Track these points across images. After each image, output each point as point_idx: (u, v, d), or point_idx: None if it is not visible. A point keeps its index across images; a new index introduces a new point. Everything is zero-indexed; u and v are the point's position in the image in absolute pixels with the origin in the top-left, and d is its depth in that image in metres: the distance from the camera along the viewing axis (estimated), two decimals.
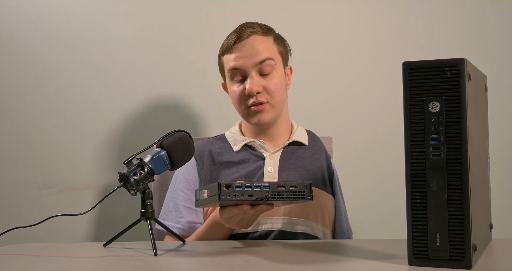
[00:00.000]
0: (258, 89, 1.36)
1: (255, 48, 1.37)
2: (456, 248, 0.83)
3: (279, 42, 1.43)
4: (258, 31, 1.39)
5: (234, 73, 1.39)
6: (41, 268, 0.94)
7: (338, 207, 1.43)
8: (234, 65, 1.38)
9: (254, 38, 1.38)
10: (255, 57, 1.36)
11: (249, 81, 1.36)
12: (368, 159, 1.88)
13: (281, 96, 1.40)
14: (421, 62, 0.85)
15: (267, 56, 1.37)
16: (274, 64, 1.39)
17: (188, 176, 1.41)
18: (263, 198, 1.02)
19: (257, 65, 1.37)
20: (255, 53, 1.37)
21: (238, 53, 1.37)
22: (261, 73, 1.38)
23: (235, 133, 1.48)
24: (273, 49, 1.40)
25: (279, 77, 1.40)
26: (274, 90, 1.38)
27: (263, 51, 1.37)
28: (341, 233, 1.42)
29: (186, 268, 0.93)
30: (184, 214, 1.37)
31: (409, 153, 0.86)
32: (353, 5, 1.89)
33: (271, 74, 1.38)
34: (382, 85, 1.88)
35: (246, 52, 1.37)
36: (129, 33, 1.88)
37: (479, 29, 1.88)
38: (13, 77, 1.87)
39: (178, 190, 1.41)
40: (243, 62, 1.37)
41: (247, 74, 1.37)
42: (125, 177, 1.05)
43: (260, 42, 1.38)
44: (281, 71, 1.42)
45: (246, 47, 1.37)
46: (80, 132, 1.86)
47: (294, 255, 1.00)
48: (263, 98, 1.37)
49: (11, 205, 1.85)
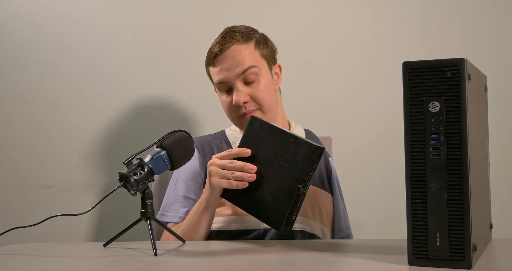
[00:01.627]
0: (245, 99, 1.36)
1: (236, 59, 1.36)
2: (456, 248, 0.83)
3: (261, 46, 1.42)
4: (238, 40, 1.38)
5: (220, 86, 1.40)
6: (41, 268, 0.94)
7: (337, 205, 1.43)
8: (219, 79, 1.38)
9: (234, 48, 1.37)
10: (237, 68, 1.36)
11: (235, 93, 1.37)
12: (368, 159, 1.88)
13: (270, 99, 1.39)
14: (421, 62, 0.85)
15: (249, 65, 1.36)
16: (258, 71, 1.38)
17: (190, 168, 1.42)
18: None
19: (240, 75, 1.36)
20: (236, 64, 1.36)
21: (221, 66, 1.38)
22: (246, 82, 1.38)
23: (235, 131, 1.49)
24: (254, 56, 1.39)
25: (265, 83, 1.39)
26: (262, 97, 1.37)
27: (244, 60, 1.36)
28: (340, 231, 1.42)
29: (186, 268, 0.93)
30: (184, 203, 1.38)
31: (409, 153, 0.86)
32: (353, 5, 1.89)
33: (256, 81, 1.38)
34: (382, 85, 1.88)
35: (227, 65, 1.37)
36: (129, 33, 1.88)
37: (479, 29, 1.88)
38: (13, 77, 1.87)
39: (180, 181, 1.42)
40: (226, 75, 1.37)
41: (233, 86, 1.38)
42: (125, 177, 1.05)
43: (241, 51, 1.37)
44: (267, 75, 1.41)
45: (227, 60, 1.37)
46: (80, 132, 1.86)
47: (293, 255, 1.00)
48: (251, 106, 1.37)
49: (11, 205, 1.85)
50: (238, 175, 1.12)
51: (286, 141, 1.09)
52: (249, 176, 1.11)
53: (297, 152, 1.07)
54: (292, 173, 1.07)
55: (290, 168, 1.07)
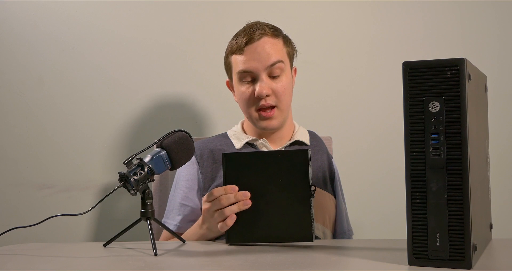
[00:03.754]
0: (268, 92, 1.36)
1: (266, 50, 1.37)
2: (456, 248, 0.83)
3: (287, 44, 1.44)
4: (268, 33, 1.39)
5: (244, 75, 1.39)
6: (41, 268, 0.94)
7: (339, 207, 1.43)
8: (245, 67, 1.37)
9: (265, 40, 1.38)
10: (267, 60, 1.36)
11: (259, 84, 1.36)
12: (368, 158, 1.88)
13: (288, 99, 1.41)
14: (421, 62, 0.85)
15: (278, 59, 1.37)
16: (284, 67, 1.39)
17: (188, 175, 1.42)
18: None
19: (268, 68, 1.37)
20: (267, 56, 1.36)
21: (249, 55, 1.37)
22: (270, 76, 1.38)
23: (237, 131, 1.48)
24: (282, 52, 1.40)
25: (287, 80, 1.41)
26: (283, 94, 1.38)
27: (274, 54, 1.37)
28: (342, 233, 1.42)
29: (186, 268, 0.93)
30: (180, 211, 1.38)
31: (409, 153, 0.86)
32: (353, 5, 1.89)
33: (280, 77, 1.39)
34: (382, 85, 1.88)
35: (257, 55, 1.36)
36: (129, 33, 1.88)
37: (479, 29, 1.88)
38: (13, 77, 1.87)
39: (178, 188, 1.42)
40: (254, 65, 1.36)
41: (257, 77, 1.37)
42: (125, 177, 1.05)
43: (271, 44, 1.38)
44: (289, 74, 1.43)
45: (257, 50, 1.37)
46: (80, 132, 1.86)
47: (294, 255, 1.00)
48: (272, 101, 1.37)
49: (11, 205, 1.85)
50: (232, 209, 1.09)
51: (275, 159, 1.09)
52: (244, 203, 1.09)
53: (292, 162, 1.08)
54: (297, 183, 1.08)
55: (293, 179, 1.08)
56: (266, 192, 1.09)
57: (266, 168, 1.09)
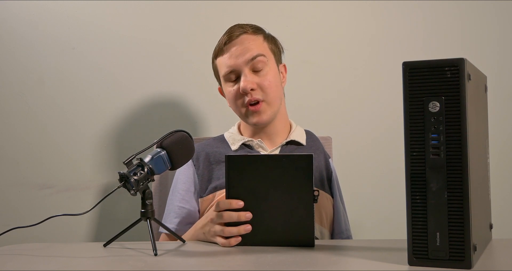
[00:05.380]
0: (252, 86, 1.37)
1: (245, 45, 1.39)
2: (456, 248, 0.83)
3: (269, 40, 1.45)
4: (248, 31, 1.42)
5: (228, 76, 1.41)
6: (41, 268, 0.94)
7: (337, 207, 1.43)
8: (227, 66, 1.39)
9: (244, 37, 1.40)
10: (246, 54, 1.38)
11: (243, 79, 1.38)
12: (368, 159, 1.88)
13: (276, 92, 1.41)
14: (421, 62, 0.85)
15: (258, 53, 1.39)
16: (266, 61, 1.40)
17: (185, 177, 1.43)
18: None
19: (249, 62, 1.38)
20: (246, 50, 1.39)
21: (230, 53, 1.39)
22: (254, 71, 1.40)
23: (233, 133, 1.49)
24: (263, 46, 1.42)
25: (273, 74, 1.41)
26: (269, 87, 1.39)
27: (253, 48, 1.39)
28: (340, 233, 1.42)
29: (186, 268, 0.93)
30: (177, 213, 1.39)
31: (409, 153, 0.86)
32: (353, 5, 1.89)
33: (264, 71, 1.40)
34: (382, 85, 1.88)
35: (237, 51, 1.39)
36: (129, 33, 1.88)
37: (479, 29, 1.88)
38: (14, 77, 1.87)
39: (175, 191, 1.43)
40: (235, 61, 1.39)
41: (241, 73, 1.39)
42: (125, 177, 1.04)
43: (250, 40, 1.40)
44: (274, 68, 1.43)
45: (237, 47, 1.39)
46: (80, 132, 1.86)
47: (294, 255, 1.00)
48: (258, 95, 1.38)
49: (11, 205, 1.85)
50: (232, 232, 1.09)
51: (278, 162, 1.09)
52: (245, 229, 1.09)
53: (296, 167, 1.08)
54: (301, 187, 1.07)
55: (296, 184, 1.08)
56: (268, 195, 1.09)
57: (269, 172, 1.09)
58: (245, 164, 1.10)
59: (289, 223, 1.08)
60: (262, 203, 1.09)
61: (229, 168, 1.10)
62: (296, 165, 1.08)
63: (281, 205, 1.08)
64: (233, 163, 1.10)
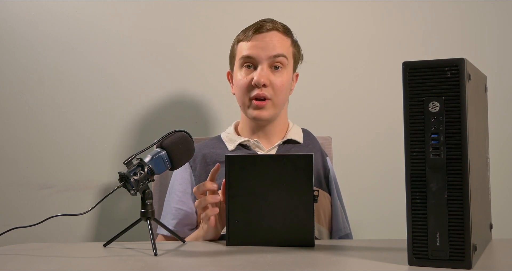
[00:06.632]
0: (265, 82, 1.38)
1: (273, 42, 1.40)
2: (456, 248, 0.83)
3: (295, 46, 1.47)
4: (279, 29, 1.43)
5: (246, 60, 1.41)
6: (41, 268, 0.94)
7: (335, 205, 1.43)
8: (249, 53, 1.40)
9: (274, 33, 1.41)
10: (271, 50, 1.39)
11: (259, 72, 1.39)
12: (368, 159, 1.88)
13: (284, 96, 1.43)
14: (421, 62, 0.85)
15: (282, 52, 1.40)
16: (286, 63, 1.42)
17: (181, 179, 1.43)
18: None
19: (271, 58, 1.39)
20: (272, 46, 1.39)
21: (256, 43, 1.40)
22: (271, 67, 1.40)
23: (230, 133, 1.49)
24: (289, 50, 1.44)
25: (287, 77, 1.43)
26: (280, 88, 1.40)
27: (280, 47, 1.40)
28: (338, 231, 1.42)
29: (186, 268, 0.93)
30: (174, 215, 1.39)
31: (409, 153, 0.86)
32: (353, 5, 1.89)
33: (281, 71, 1.41)
34: (382, 85, 1.88)
35: (263, 44, 1.39)
36: (129, 33, 1.88)
37: (479, 29, 1.88)
38: (13, 77, 1.87)
39: (172, 193, 1.43)
40: (258, 52, 1.39)
41: (258, 65, 1.39)
42: (125, 177, 1.04)
43: (280, 39, 1.42)
44: (290, 73, 1.45)
45: (265, 39, 1.40)
46: (80, 132, 1.86)
47: (294, 255, 1.00)
48: (267, 93, 1.39)
49: (11, 205, 1.85)
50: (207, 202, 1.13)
51: (278, 162, 1.09)
52: (212, 210, 1.13)
53: (296, 167, 1.08)
54: (301, 187, 1.07)
55: (296, 184, 1.07)
56: (268, 195, 1.08)
57: (269, 172, 1.09)
58: (245, 164, 1.10)
59: (289, 223, 1.08)
60: (262, 203, 1.09)
61: (229, 168, 1.10)
62: (296, 165, 1.08)
63: (281, 205, 1.08)
64: (233, 163, 1.10)
